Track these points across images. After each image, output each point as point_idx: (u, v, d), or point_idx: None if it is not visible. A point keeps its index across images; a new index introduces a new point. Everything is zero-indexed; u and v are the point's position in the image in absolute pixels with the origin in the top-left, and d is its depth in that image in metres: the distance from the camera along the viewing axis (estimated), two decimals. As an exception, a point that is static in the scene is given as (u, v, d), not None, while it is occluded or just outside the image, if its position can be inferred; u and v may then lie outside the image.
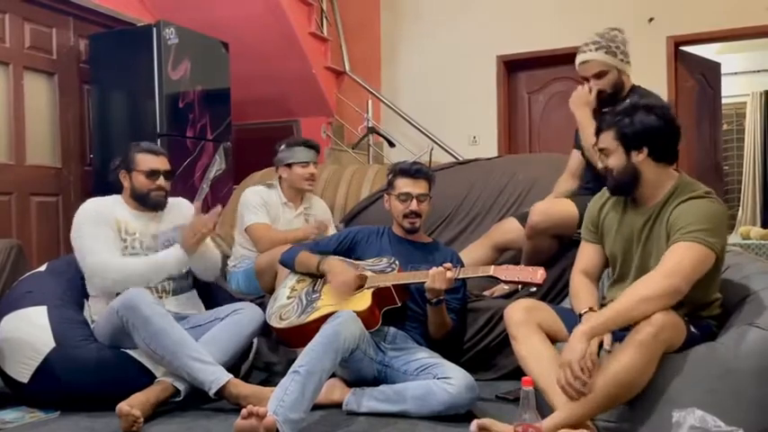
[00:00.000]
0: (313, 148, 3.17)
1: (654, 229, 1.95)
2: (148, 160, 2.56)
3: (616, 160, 1.96)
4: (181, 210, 2.70)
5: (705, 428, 1.57)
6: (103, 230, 2.45)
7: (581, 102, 2.61)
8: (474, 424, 1.73)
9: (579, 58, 2.59)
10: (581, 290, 2.05)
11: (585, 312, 1.94)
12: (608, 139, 1.97)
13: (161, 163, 2.58)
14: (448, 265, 2.27)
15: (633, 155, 1.93)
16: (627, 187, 1.98)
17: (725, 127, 7.42)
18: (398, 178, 2.55)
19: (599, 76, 2.56)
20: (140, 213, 2.57)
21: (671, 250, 1.82)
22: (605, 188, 2.10)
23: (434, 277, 2.23)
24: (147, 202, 2.56)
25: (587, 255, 2.14)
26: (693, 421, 1.58)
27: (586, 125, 2.54)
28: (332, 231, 3.21)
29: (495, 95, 6.09)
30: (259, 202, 3.10)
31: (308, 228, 3.08)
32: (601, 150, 2.01)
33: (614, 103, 2.46)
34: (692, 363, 1.79)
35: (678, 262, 1.78)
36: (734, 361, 1.78)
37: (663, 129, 1.92)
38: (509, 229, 2.94)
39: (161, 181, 2.56)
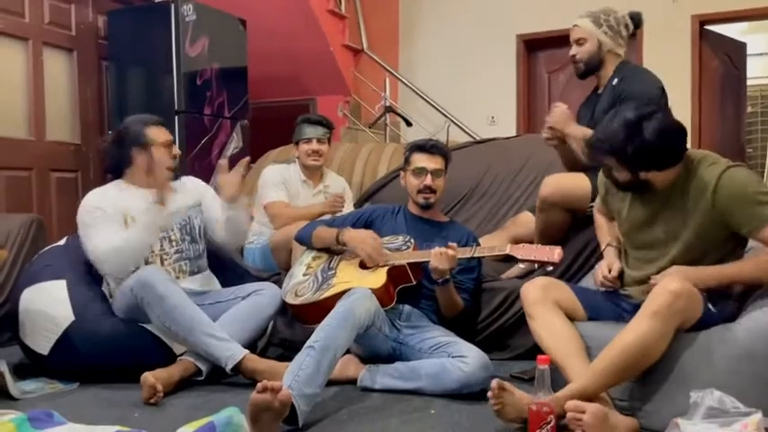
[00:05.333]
0: (319, 123, 3.15)
1: (672, 206, 1.90)
2: (162, 132, 2.54)
3: (624, 176, 1.91)
4: (197, 188, 2.68)
5: (723, 409, 1.55)
6: (106, 222, 2.37)
7: (563, 120, 2.62)
8: (495, 381, 1.73)
9: (572, 22, 2.69)
10: (603, 224, 2.26)
11: (608, 246, 2.13)
12: (610, 162, 1.91)
13: (169, 133, 2.58)
14: (452, 245, 2.26)
15: (641, 174, 1.88)
16: (639, 191, 1.94)
17: (749, 109, 7.26)
18: (414, 154, 2.54)
19: (579, 42, 2.66)
20: (148, 192, 2.48)
21: None
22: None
23: (437, 257, 2.22)
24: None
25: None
26: (711, 402, 1.57)
27: (579, 137, 2.53)
28: (349, 207, 3.21)
29: (515, 75, 6.02)
30: (278, 179, 3.11)
31: (326, 203, 3.09)
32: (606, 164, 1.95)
33: (590, 74, 2.68)
34: (710, 343, 1.77)
35: None
36: (753, 343, 1.74)
37: (663, 143, 1.80)
38: (524, 222, 2.96)
39: (176, 150, 2.57)
